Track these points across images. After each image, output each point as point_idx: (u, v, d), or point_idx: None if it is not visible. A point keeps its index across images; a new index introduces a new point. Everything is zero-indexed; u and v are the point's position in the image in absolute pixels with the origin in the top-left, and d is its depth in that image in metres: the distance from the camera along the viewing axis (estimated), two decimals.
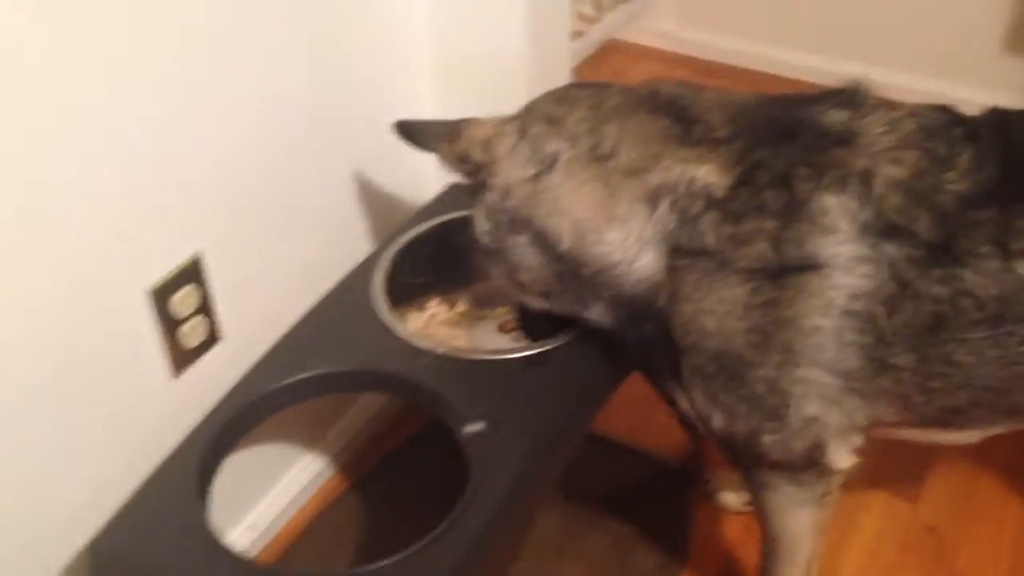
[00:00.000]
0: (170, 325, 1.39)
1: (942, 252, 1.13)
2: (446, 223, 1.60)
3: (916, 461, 1.88)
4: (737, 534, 1.78)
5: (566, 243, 1.27)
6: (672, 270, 1.21)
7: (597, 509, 1.81)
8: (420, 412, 1.49)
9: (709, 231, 1.18)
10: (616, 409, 1.53)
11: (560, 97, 1.31)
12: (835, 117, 1.21)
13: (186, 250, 1.39)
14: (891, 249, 1.13)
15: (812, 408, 1.21)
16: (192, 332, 1.43)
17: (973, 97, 2.70)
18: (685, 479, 1.86)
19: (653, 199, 1.21)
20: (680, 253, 1.20)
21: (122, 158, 1.25)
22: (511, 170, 1.29)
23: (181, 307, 1.39)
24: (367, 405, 1.92)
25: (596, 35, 3.06)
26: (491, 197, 1.31)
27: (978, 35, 2.70)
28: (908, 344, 1.16)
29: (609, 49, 3.17)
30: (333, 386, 1.41)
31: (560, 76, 1.88)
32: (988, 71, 2.73)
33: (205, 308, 1.44)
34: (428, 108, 1.80)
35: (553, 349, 1.41)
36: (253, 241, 1.51)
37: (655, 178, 1.21)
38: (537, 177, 1.26)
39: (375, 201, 1.75)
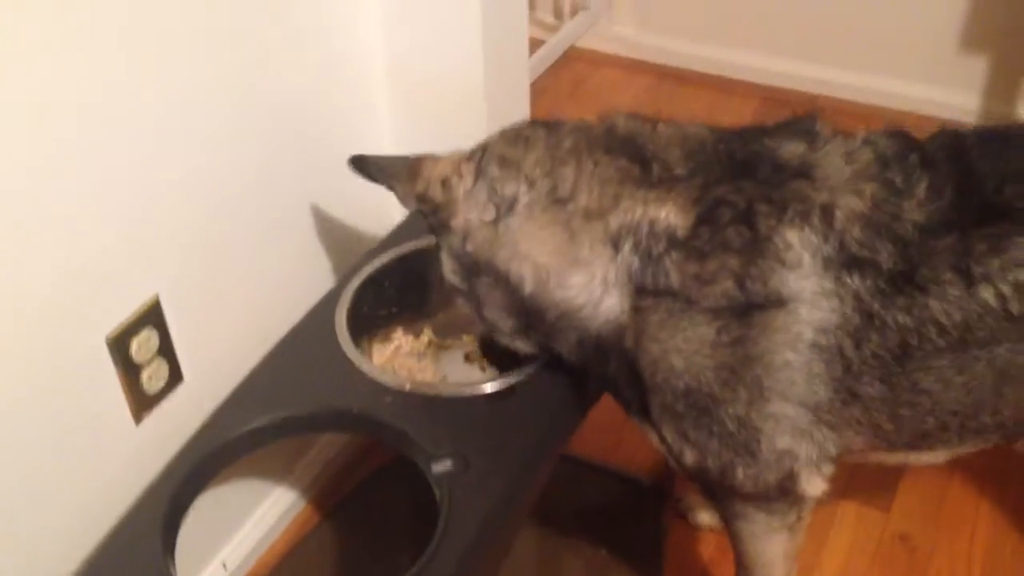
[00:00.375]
0: (130, 371, 1.37)
1: (905, 281, 1.13)
2: (408, 253, 1.58)
3: (887, 471, 1.89)
4: (711, 552, 1.78)
5: (528, 287, 1.26)
6: (637, 311, 1.20)
7: (570, 530, 1.80)
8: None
9: (673, 271, 1.17)
10: (587, 429, 1.53)
11: (516, 137, 1.29)
12: (792, 150, 1.21)
13: (143, 293, 1.37)
14: (855, 281, 1.13)
15: (784, 442, 1.21)
16: (153, 376, 1.41)
17: (932, 96, 2.77)
18: (658, 498, 1.86)
19: (615, 241, 1.20)
20: (644, 293, 1.19)
21: (73, 204, 1.22)
22: (469, 212, 1.27)
23: (141, 352, 1.37)
24: (336, 437, 1.90)
25: (557, 43, 3.06)
26: (452, 239, 1.30)
27: (936, 35, 2.72)
28: (876, 374, 1.16)
29: (570, 57, 3.16)
30: (299, 428, 1.39)
31: (519, 96, 1.87)
32: (946, 70, 2.75)
33: (165, 350, 1.42)
34: (386, 134, 1.79)
35: (520, 382, 1.39)
36: (212, 280, 1.48)
37: (616, 220, 1.20)
38: (496, 220, 1.25)
39: (336, 232, 1.73)
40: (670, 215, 1.18)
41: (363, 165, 1.40)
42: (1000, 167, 1.18)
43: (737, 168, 1.19)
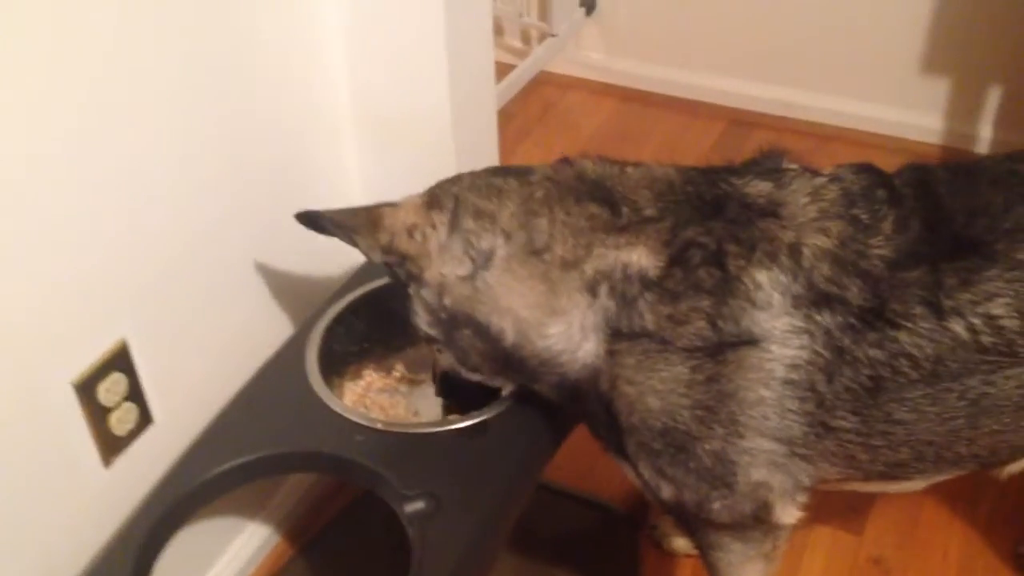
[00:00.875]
0: (98, 415, 1.35)
1: (875, 316, 1.14)
2: (377, 289, 1.58)
3: (859, 495, 1.90)
4: None
5: (510, 339, 1.26)
6: (612, 354, 1.21)
7: (545, 559, 1.81)
8: None
9: (647, 312, 1.18)
10: (560, 456, 1.53)
11: (488, 189, 1.27)
12: (758, 189, 1.22)
13: (110, 337, 1.35)
14: (825, 318, 1.15)
15: (759, 474, 1.22)
16: (122, 419, 1.39)
17: (896, 117, 2.81)
18: (632, 524, 1.86)
19: (592, 288, 1.21)
20: (620, 337, 1.20)
21: (37, 249, 1.21)
22: (443, 267, 1.26)
23: (108, 396, 1.36)
24: None
25: (525, 69, 3.06)
26: (426, 293, 1.29)
27: (898, 57, 2.76)
28: (849, 407, 1.17)
29: (539, 81, 3.17)
30: (271, 469, 1.39)
31: (487, 129, 1.87)
32: (909, 91, 2.79)
33: (134, 393, 1.41)
34: (354, 173, 1.79)
35: (492, 417, 1.39)
36: (180, 321, 1.47)
37: (591, 267, 1.21)
38: (473, 275, 1.24)
39: (305, 270, 1.73)
40: (642, 258, 1.19)
41: (316, 221, 1.33)
42: (969, 201, 1.20)
43: (706, 208, 1.21)
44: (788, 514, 1.30)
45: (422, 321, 1.32)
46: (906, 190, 1.22)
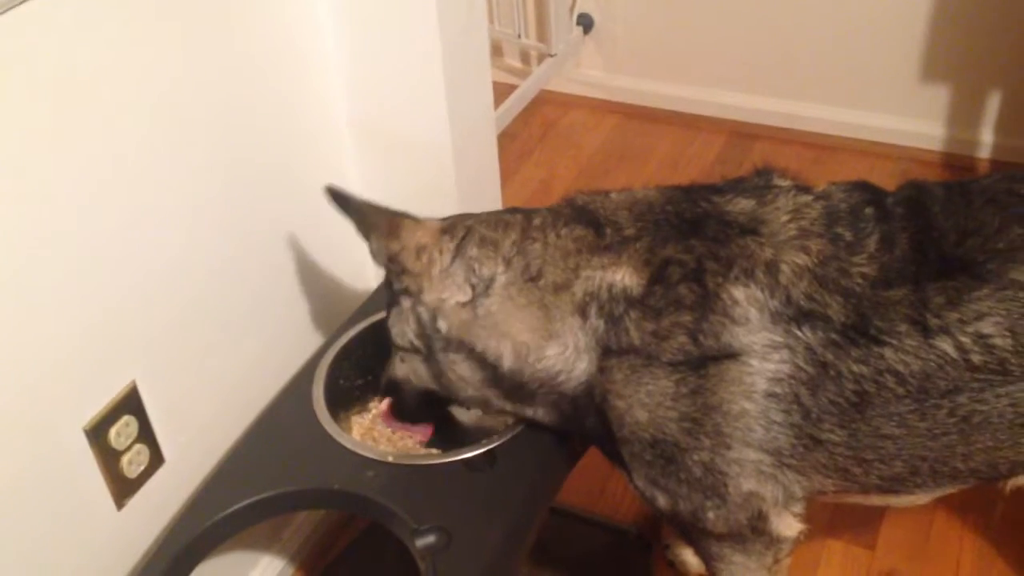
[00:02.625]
0: (110, 458, 1.37)
1: (858, 333, 1.16)
2: (380, 321, 1.58)
3: (871, 509, 1.90)
4: None
5: (508, 364, 1.29)
6: (603, 370, 1.24)
7: None
8: None
9: (632, 329, 1.21)
10: (571, 478, 1.53)
11: (497, 221, 1.32)
12: (740, 206, 1.25)
13: (119, 381, 1.37)
14: (806, 334, 1.17)
15: (749, 484, 1.24)
16: (133, 461, 1.40)
17: (896, 126, 2.81)
18: (644, 545, 1.86)
19: (583, 310, 1.24)
20: (610, 354, 1.23)
21: (46, 295, 1.23)
22: (443, 291, 1.30)
23: (120, 439, 1.37)
24: None
25: (526, 89, 3.08)
26: (422, 311, 1.32)
27: (897, 67, 2.76)
28: (836, 421, 1.19)
29: (539, 101, 3.19)
30: (282, 507, 1.40)
31: (486, 150, 1.89)
32: (908, 100, 2.79)
33: (145, 435, 1.42)
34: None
35: (500, 445, 1.40)
36: (189, 361, 1.49)
37: (580, 290, 1.24)
38: (474, 301, 1.28)
39: (309, 306, 1.74)
40: (624, 277, 1.22)
41: (344, 201, 1.35)
42: (962, 220, 1.20)
43: (685, 227, 1.24)
44: (786, 526, 1.32)
45: (409, 331, 1.36)
46: (897, 209, 1.23)
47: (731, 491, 1.25)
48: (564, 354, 1.26)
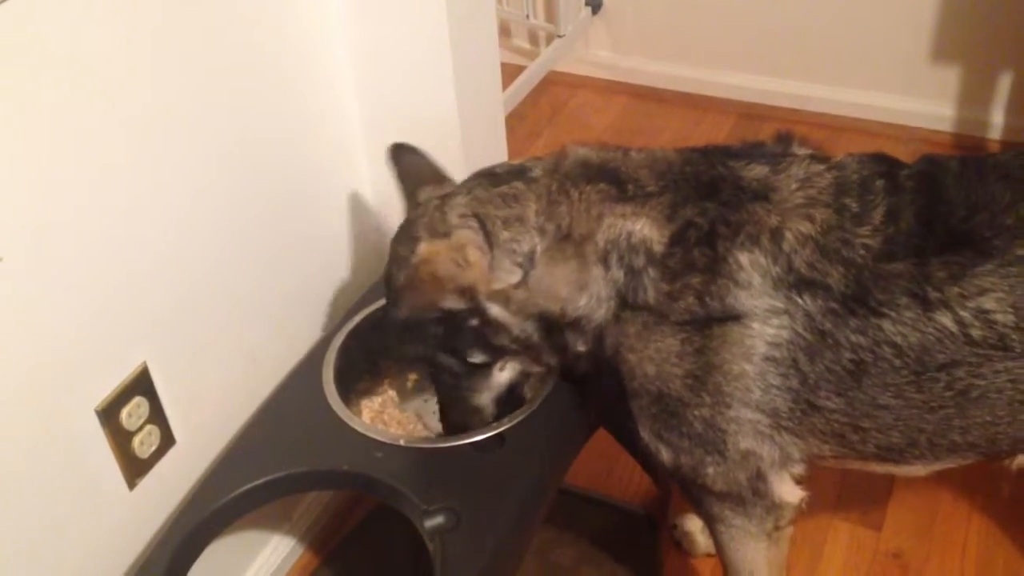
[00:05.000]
0: (122, 439, 1.38)
1: (858, 303, 1.18)
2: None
3: (878, 489, 1.91)
4: None
5: (557, 317, 1.31)
6: (617, 320, 1.27)
7: (567, 562, 1.82)
8: None
9: (650, 288, 1.24)
10: (579, 460, 1.54)
11: (500, 198, 1.32)
12: (754, 172, 1.27)
13: (131, 362, 1.38)
14: (806, 301, 1.19)
15: (747, 443, 1.27)
16: (145, 442, 1.42)
17: (907, 107, 2.80)
18: (652, 526, 1.87)
19: (605, 259, 1.27)
20: (625, 307, 1.26)
21: (57, 277, 1.23)
22: (496, 284, 1.30)
23: (131, 420, 1.38)
24: None
25: (534, 71, 3.07)
26: (495, 312, 1.31)
27: (908, 47, 2.75)
28: (833, 388, 1.21)
29: (548, 82, 3.18)
30: (291, 488, 1.41)
31: (495, 132, 1.89)
32: (919, 80, 2.78)
33: (156, 416, 1.43)
34: (365, 184, 1.80)
35: (509, 428, 1.41)
36: (198, 342, 1.49)
37: (602, 238, 1.27)
38: (525, 279, 1.30)
39: (320, 287, 1.75)
40: (644, 228, 1.25)
41: (400, 164, 1.48)
42: (974, 196, 1.21)
43: (702, 188, 1.26)
44: (787, 491, 1.34)
45: (505, 339, 1.35)
46: (909, 182, 1.24)
47: (729, 448, 1.28)
48: (590, 303, 1.28)
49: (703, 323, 1.22)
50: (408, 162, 1.48)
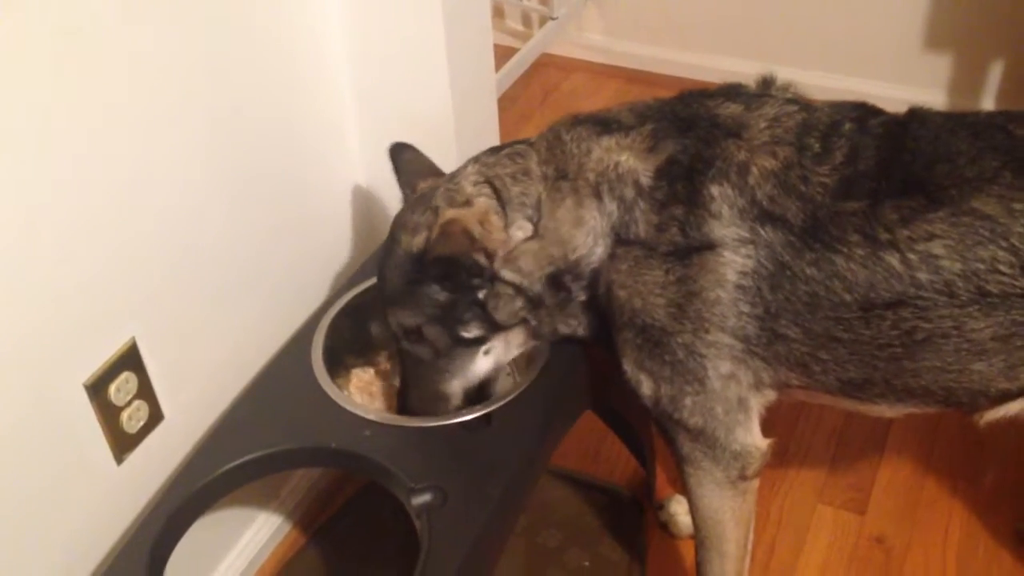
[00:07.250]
0: (110, 414, 1.38)
1: (812, 238, 1.24)
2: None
3: (862, 473, 1.93)
4: (692, 559, 1.80)
5: (560, 261, 1.36)
6: (612, 258, 1.33)
7: (553, 543, 1.83)
8: None
9: (640, 221, 1.30)
10: (566, 441, 1.56)
11: (506, 158, 1.39)
12: (730, 111, 1.33)
13: (120, 337, 1.38)
14: (768, 233, 1.25)
15: (726, 367, 1.33)
16: (133, 417, 1.42)
17: (898, 94, 2.77)
18: (638, 507, 1.89)
19: (597, 191, 1.32)
20: (619, 243, 1.33)
21: (46, 252, 1.24)
22: (514, 240, 1.35)
23: (120, 395, 1.39)
24: None
25: (526, 53, 3.06)
26: (507, 274, 1.35)
27: (900, 34, 2.75)
28: (790, 318, 1.28)
29: (540, 64, 3.17)
30: (279, 465, 1.41)
31: (487, 118, 1.89)
32: (910, 68, 2.79)
33: (144, 391, 1.43)
34: (357, 166, 1.80)
35: (497, 408, 1.42)
36: (188, 318, 1.50)
37: (592, 172, 1.33)
38: (536, 229, 1.35)
39: (309, 265, 1.75)
40: (629, 159, 1.32)
41: (398, 157, 1.52)
42: (941, 148, 1.25)
43: (680, 123, 1.33)
44: (754, 436, 1.40)
45: (516, 304, 1.38)
46: (878, 128, 1.28)
47: (710, 373, 1.32)
48: (587, 240, 1.33)
49: (684, 253, 1.28)
50: (406, 159, 1.52)
